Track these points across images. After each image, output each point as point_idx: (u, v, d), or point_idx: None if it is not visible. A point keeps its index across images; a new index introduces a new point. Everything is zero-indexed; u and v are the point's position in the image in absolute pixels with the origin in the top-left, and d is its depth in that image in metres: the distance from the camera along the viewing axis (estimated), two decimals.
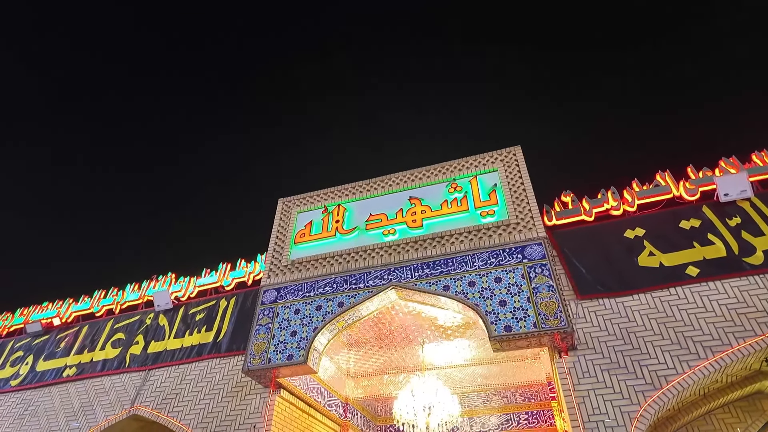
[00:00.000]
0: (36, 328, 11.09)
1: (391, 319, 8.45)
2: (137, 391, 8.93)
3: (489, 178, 8.09)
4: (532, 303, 6.35)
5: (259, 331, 7.69)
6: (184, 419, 8.11)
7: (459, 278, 6.97)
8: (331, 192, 9.22)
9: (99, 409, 8.98)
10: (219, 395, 8.16)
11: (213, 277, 10.42)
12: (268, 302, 8.04)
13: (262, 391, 7.79)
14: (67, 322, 11.14)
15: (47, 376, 10.06)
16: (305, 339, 7.30)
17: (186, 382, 8.66)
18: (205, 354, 8.95)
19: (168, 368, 9.07)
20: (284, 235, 8.97)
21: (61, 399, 9.52)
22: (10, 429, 9.46)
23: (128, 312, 10.63)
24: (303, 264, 8.31)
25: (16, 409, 9.77)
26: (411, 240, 7.75)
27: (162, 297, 10.17)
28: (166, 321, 9.92)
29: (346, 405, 10.15)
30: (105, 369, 9.57)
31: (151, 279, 11.12)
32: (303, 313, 7.64)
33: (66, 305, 11.45)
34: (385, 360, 9.78)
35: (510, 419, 10.89)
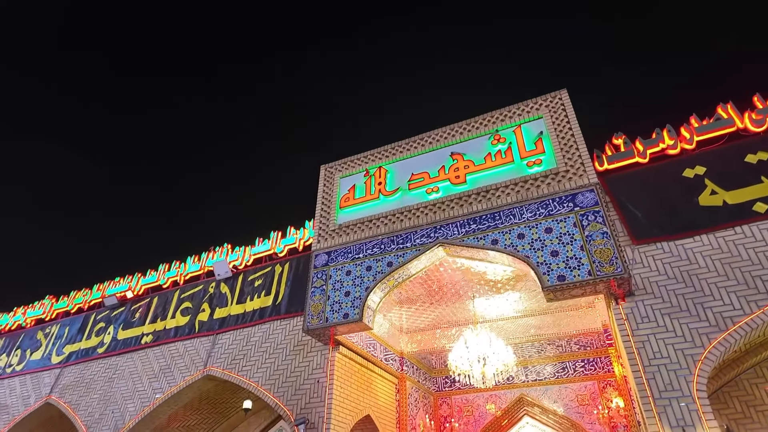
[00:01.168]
0: (112, 301, 12.09)
1: (440, 275, 8.54)
2: (208, 354, 9.64)
3: (534, 126, 7.79)
4: (586, 251, 6.22)
5: (314, 293, 8.02)
6: (253, 377, 8.72)
7: (507, 231, 6.89)
8: (372, 155, 9.22)
9: (176, 371, 9.80)
10: (283, 354, 8.68)
11: (266, 245, 10.86)
12: (320, 265, 8.32)
13: (322, 349, 8.21)
14: (139, 295, 12.04)
15: (128, 343, 11.03)
16: (358, 298, 7.55)
17: (251, 343, 9.25)
18: (266, 317, 9.48)
19: (233, 332, 9.69)
20: (329, 200, 9.13)
21: (142, 363, 10.45)
22: (102, 391, 10.55)
23: (192, 282, 11.34)
24: (350, 227, 8.47)
25: (105, 373, 10.85)
26: (455, 196, 7.69)
27: (221, 266, 10.74)
28: (227, 288, 10.52)
29: (402, 359, 10.53)
30: (178, 335, 10.37)
31: (209, 250, 11.74)
32: (354, 274, 7.86)
33: (135, 279, 12.35)
34: (437, 315, 9.98)
35: (566, 368, 10.94)
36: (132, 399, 9.94)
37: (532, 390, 11.02)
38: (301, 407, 7.78)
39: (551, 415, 10.60)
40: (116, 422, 9.79)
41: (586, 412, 10.31)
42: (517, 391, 11.14)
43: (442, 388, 11.90)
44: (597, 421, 10.14)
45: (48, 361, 12.08)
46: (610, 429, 9.94)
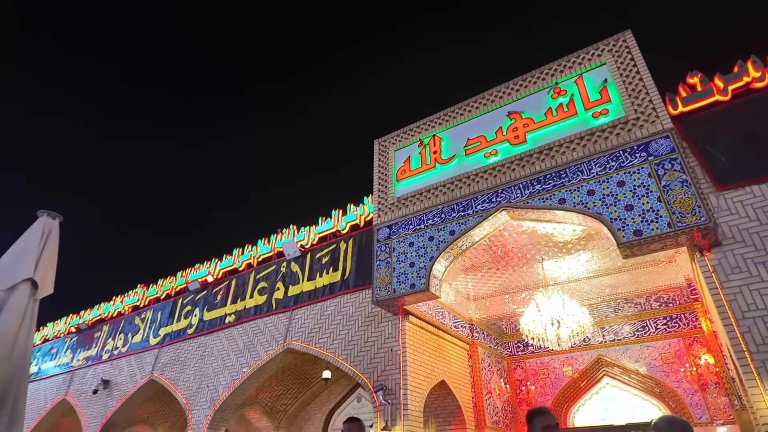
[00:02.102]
0: (195, 285, 13.06)
1: (505, 240, 8.38)
2: (287, 329, 10.22)
3: (597, 74, 7.28)
4: (664, 202, 5.81)
5: (380, 265, 8.18)
6: (329, 348, 9.16)
7: (575, 189, 6.59)
8: (424, 124, 9.08)
9: (259, 347, 10.50)
10: (355, 325, 9.01)
11: (329, 224, 11.18)
12: (383, 239, 8.44)
13: (392, 319, 8.42)
14: (218, 278, 12.91)
15: (213, 323, 11.93)
16: (423, 268, 7.61)
17: (325, 317, 9.68)
18: (336, 291, 9.84)
19: (307, 307, 10.18)
20: (385, 174, 9.17)
21: (228, 340, 11.29)
22: (196, 367, 11.55)
23: (264, 264, 11.97)
24: (408, 199, 8.48)
25: (197, 352, 11.85)
26: (516, 158, 7.43)
27: (290, 247, 11.23)
28: (297, 267, 11.00)
29: (472, 325, 10.57)
30: (257, 313, 11.05)
31: (277, 232, 12.29)
32: (417, 245, 7.91)
33: (213, 264, 13.23)
34: (504, 281, 9.85)
35: (646, 326, 10.47)
36: (223, 373, 10.82)
37: (610, 350, 10.68)
38: (378, 375, 8.09)
39: (633, 375, 10.25)
40: (211, 395, 10.73)
41: (672, 371, 9.86)
42: (594, 352, 10.85)
43: (515, 352, 11.84)
44: (684, 379, 9.67)
45: (147, 343, 13.38)
46: (699, 387, 9.46)
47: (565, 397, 10.82)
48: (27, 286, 4.98)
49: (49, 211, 5.46)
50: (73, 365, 15.39)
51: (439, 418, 9.18)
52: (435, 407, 9.18)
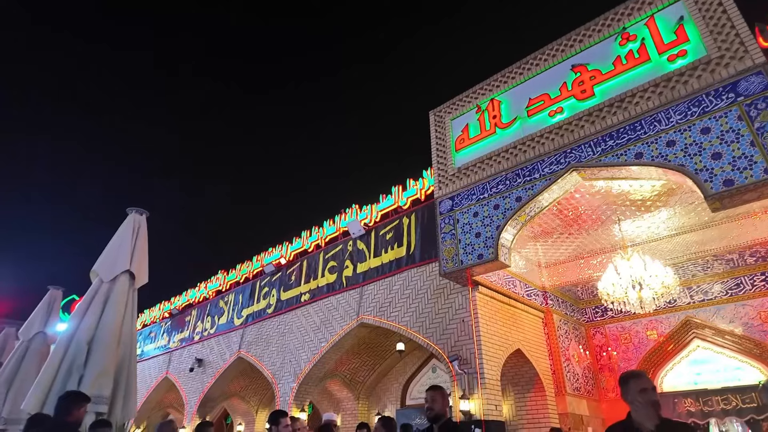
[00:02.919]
0: (271, 268, 13.77)
1: (576, 203, 8.00)
2: (358, 304, 10.54)
3: (671, 13, 6.58)
4: (758, 146, 5.23)
5: (444, 238, 8.14)
6: (401, 321, 9.34)
7: (653, 141, 6.09)
8: (481, 89, 8.76)
9: (334, 322, 10.94)
10: (425, 298, 9.09)
11: (390, 201, 11.25)
12: (446, 211, 8.36)
13: (462, 290, 8.40)
14: (290, 260, 13.50)
15: (290, 302, 12.56)
16: (490, 238, 7.46)
17: (394, 291, 9.85)
18: (402, 266, 9.96)
19: (376, 283, 10.40)
20: (443, 145, 9.00)
21: (305, 318, 11.86)
22: (278, 344, 12.28)
23: (332, 243, 12.33)
24: (469, 169, 8.29)
25: (277, 329, 12.57)
26: (584, 114, 6.98)
27: (354, 226, 11.46)
28: (363, 245, 11.23)
29: (545, 293, 10.29)
30: (329, 291, 11.48)
31: (340, 213, 12.57)
32: (482, 215, 7.75)
33: (285, 247, 13.84)
34: (578, 245, 9.44)
35: (740, 283, 9.63)
36: (303, 349, 11.42)
37: (699, 311, 9.97)
38: (451, 345, 8.15)
39: (727, 336, 9.52)
40: (294, 369, 11.39)
41: None
42: (681, 314, 10.18)
43: (593, 318, 11.41)
44: None
45: (232, 324, 14.39)
46: None
47: (651, 361, 10.31)
48: (126, 278, 5.51)
49: (137, 208, 5.96)
50: (170, 347, 16.95)
51: (517, 386, 9.13)
52: (512, 375, 9.13)
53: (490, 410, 7.29)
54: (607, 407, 10.31)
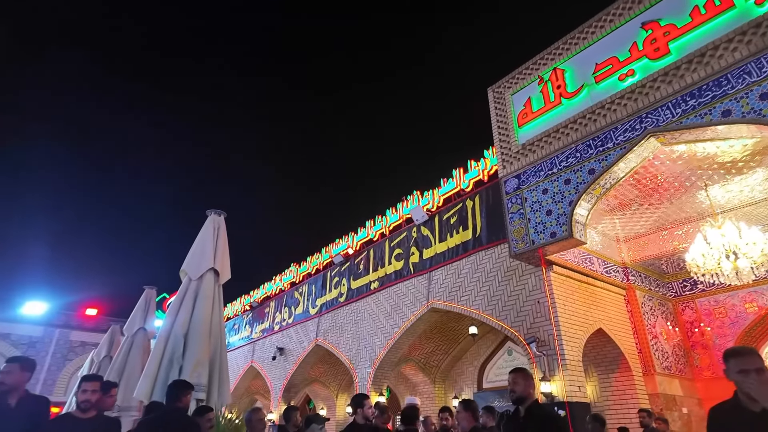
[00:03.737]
0: (339, 258, 14.16)
1: (656, 170, 7.44)
2: (427, 290, 10.58)
3: None
4: None
5: (512, 218, 7.91)
6: (473, 305, 9.25)
7: (743, 96, 5.50)
8: (541, 59, 8.34)
9: (405, 308, 11.06)
10: (495, 281, 8.93)
11: (451, 184, 11.11)
12: (512, 191, 8.11)
13: (535, 271, 8.15)
14: (357, 250, 13.80)
15: (360, 291, 12.87)
16: (563, 215, 7.15)
17: (462, 275, 9.76)
18: (469, 250, 9.83)
19: (443, 268, 10.36)
20: (505, 122, 8.70)
21: (376, 305, 12.10)
22: (352, 331, 12.65)
23: (396, 231, 12.43)
24: (534, 144, 7.96)
25: (350, 317, 12.95)
26: (659, 74, 6.44)
27: (417, 212, 11.47)
28: (428, 231, 11.21)
29: (626, 269, 9.72)
30: (398, 278, 11.61)
31: (402, 200, 12.61)
32: (552, 191, 7.44)
33: (351, 238, 14.15)
34: (659, 216, 8.81)
35: None
36: (377, 335, 11.68)
37: None
38: (527, 327, 7.96)
39: None
40: (370, 355, 11.69)
41: None
42: None
43: (680, 292, 10.62)
44: None
45: (308, 313, 15.02)
46: None
47: (751, 336, 9.45)
48: (211, 275, 5.90)
49: (215, 210, 6.34)
50: (253, 337, 18.04)
51: (600, 367, 8.75)
52: (594, 356, 8.76)
53: (573, 392, 7.06)
54: (702, 386, 9.61)
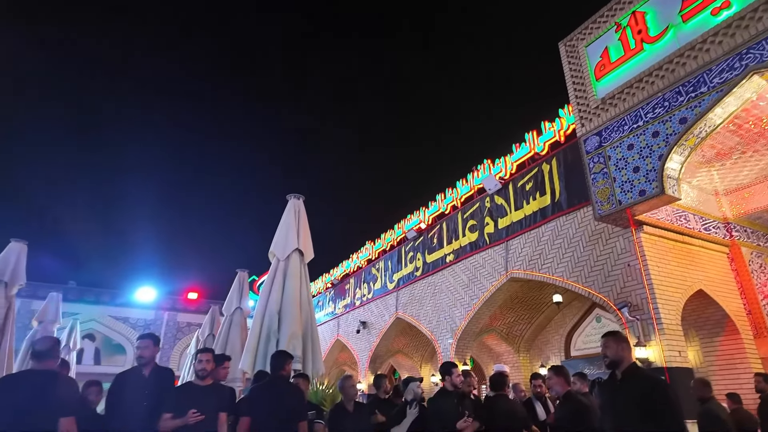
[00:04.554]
0: (412, 234, 14.29)
1: (760, 112, 6.66)
2: (505, 260, 10.38)
3: None
4: None
5: (595, 179, 7.47)
6: (556, 272, 8.95)
7: None
8: (617, 3, 7.66)
9: (483, 279, 10.97)
10: (579, 246, 8.55)
11: (525, 149, 10.67)
12: (593, 149, 7.64)
13: (623, 233, 7.69)
14: (430, 224, 13.82)
15: (436, 264, 12.94)
16: (652, 170, 6.63)
17: (543, 243, 9.45)
18: (548, 216, 9.46)
19: (521, 236, 10.09)
20: (580, 77, 8.14)
21: (452, 277, 12.12)
22: (431, 304, 12.81)
23: (468, 203, 12.25)
24: (615, 97, 7.39)
25: (428, 290, 13.10)
26: (761, 2, 5.66)
27: (489, 182, 11.20)
28: (502, 200, 10.93)
29: (728, 224, 8.84)
30: (473, 249, 11.51)
31: (473, 170, 12.35)
32: (638, 146, 6.90)
33: (422, 212, 14.18)
34: (767, 163, 7.87)
35: None
36: (456, 307, 11.74)
37: None
38: (617, 292, 7.58)
39: None
40: (450, 326, 11.80)
41: None
42: None
43: None
44: None
45: (386, 288, 15.41)
46: None
47: None
48: (297, 255, 6.25)
49: (295, 194, 6.66)
50: (337, 312, 18.90)
51: (703, 330, 8.14)
52: (694, 319, 8.16)
53: (672, 357, 6.65)
54: None
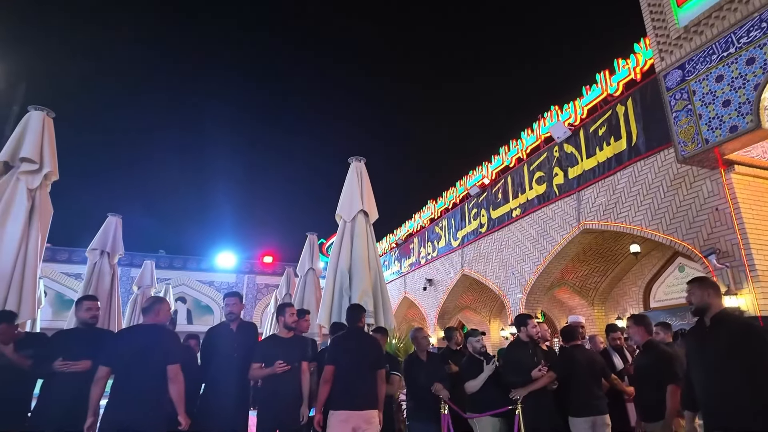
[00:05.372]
0: (475, 190, 14.02)
1: None
2: (576, 211, 9.94)
3: None
4: None
5: (678, 117, 6.82)
6: (633, 221, 8.45)
7: None
8: None
9: (553, 232, 10.62)
10: (659, 192, 7.97)
11: (596, 91, 9.95)
12: (675, 85, 6.93)
13: (710, 174, 7.03)
14: (493, 179, 13.46)
15: (501, 219, 12.67)
16: (746, 102, 5.92)
17: (618, 190, 8.90)
18: (624, 161, 8.85)
19: (594, 185, 9.56)
20: (659, 4, 7.30)
21: (520, 232, 11.84)
22: (498, 260, 12.66)
23: (534, 154, 11.73)
24: (701, 23, 6.57)
25: (494, 246, 12.93)
26: None
27: (557, 129, 10.60)
28: (571, 147, 10.35)
29: None
30: (541, 202, 11.11)
31: (538, 119, 11.73)
32: (729, 77, 6.16)
33: (485, 168, 13.81)
34: None
35: None
36: (525, 262, 11.52)
37: None
38: (703, 239, 7.03)
39: None
40: (519, 281, 11.64)
41: None
42: None
43: None
44: None
45: (450, 246, 15.41)
46: None
47: None
48: (362, 216, 6.38)
49: (356, 156, 6.73)
50: (403, 271, 19.28)
51: None
52: None
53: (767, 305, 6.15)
54: None
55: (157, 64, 54.69)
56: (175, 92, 56.30)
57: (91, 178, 47.64)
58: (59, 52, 46.67)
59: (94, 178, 48.47)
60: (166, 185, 56.07)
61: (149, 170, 55.75)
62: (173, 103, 55.54)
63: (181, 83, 55.72)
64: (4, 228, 4.45)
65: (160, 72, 55.12)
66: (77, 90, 46.75)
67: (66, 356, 3.32)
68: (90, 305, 3.67)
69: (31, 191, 4.74)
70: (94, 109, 50.93)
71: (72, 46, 47.39)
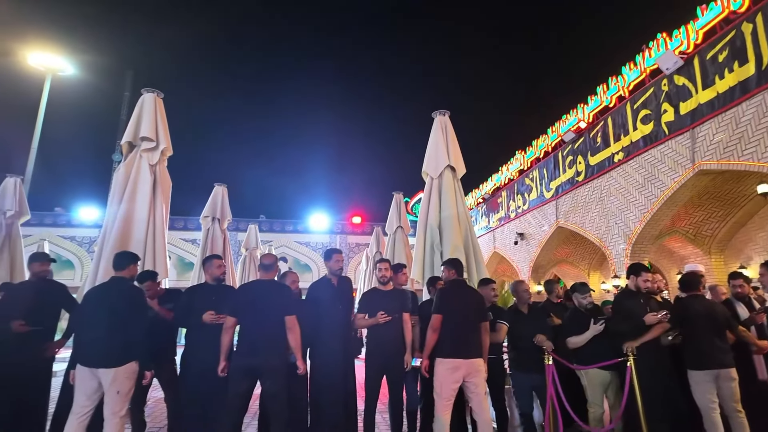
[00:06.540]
0: (570, 135, 13.06)
1: None
2: (690, 151, 8.88)
3: None
4: None
5: None
6: (762, 158, 7.37)
7: None
8: None
9: (662, 176, 9.63)
10: None
11: (714, 10, 8.62)
12: None
13: None
14: (590, 123, 12.40)
15: (602, 166, 11.74)
16: None
17: (743, 124, 7.77)
18: (752, 89, 7.66)
19: (712, 120, 8.43)
20: None
21: (623, 178, 10.90)
22: (598, 209, 11.84)
23: (638, 91, 10.55)
24: None
25: (593, 195, 12.09)
26: None
27: (666, 60, 9.39)
28: (684, 79, 9.14)
29: None
30: (647, 144, 10.07)
31: (642, 50, 10.46)
32: None
33: (580, 110, 12.75)
34: None
35: None
36: (629, 210, 10.65)
37: None
38: None
39: None
40: (623, 231, 10.83)
41: None
42: None
43: None
44: None
45: (543, 198, 14.70)
46: None
47: None
48: (449, 171, 6.28)
49: (440, 111, 6.57)
50: (491, 226, 18.89)
51: None
52: None
53: None
54: None
55: (256, 44, 58.07)
56: (266, 65, 59.45)
57: (195, 152, 52.28)
58: (168, 40, 51.01)
59: (197, 152, 53.15)
60: (263, 155, 60.21)
61: (247, 141, 60.30)
62: (265, 78, 58.59)
63: (275, 59, 58.45)
64: (135, 200, 5.05)
65: (257, 50, 58.61)
66: (182, 74, 50.99)
67: (204, 308, 3.77)
68: (219, 263, 4.12)
69: (152, 167, 5.29)
70: (200, 88, 55.45)
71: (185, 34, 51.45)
